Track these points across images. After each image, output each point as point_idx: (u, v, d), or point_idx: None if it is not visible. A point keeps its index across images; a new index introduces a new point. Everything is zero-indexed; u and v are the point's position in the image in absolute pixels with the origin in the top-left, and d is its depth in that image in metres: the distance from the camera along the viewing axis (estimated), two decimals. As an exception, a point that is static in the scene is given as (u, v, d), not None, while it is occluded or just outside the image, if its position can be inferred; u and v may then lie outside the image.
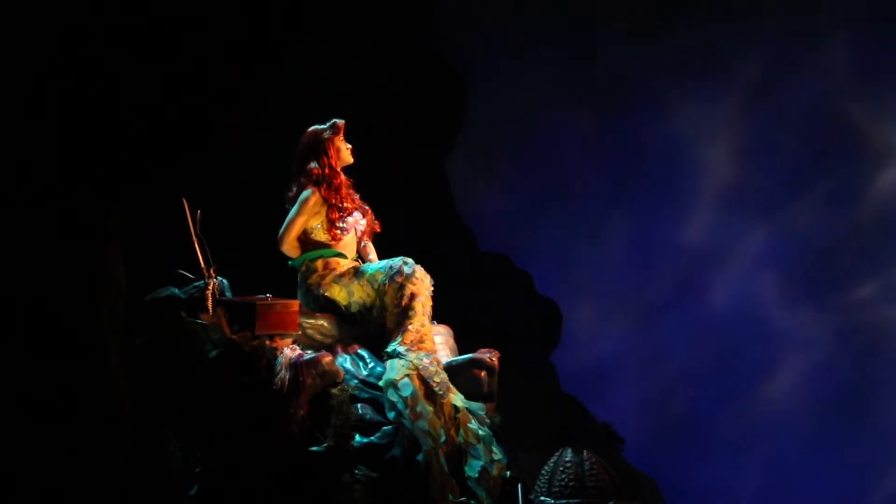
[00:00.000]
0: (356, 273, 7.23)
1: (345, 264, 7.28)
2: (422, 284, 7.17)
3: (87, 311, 6.90)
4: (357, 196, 7.45)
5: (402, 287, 7.12)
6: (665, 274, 11.96)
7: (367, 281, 7.19)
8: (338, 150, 7.37)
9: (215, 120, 10.03)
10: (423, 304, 7.15)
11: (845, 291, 11.79)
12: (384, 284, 7.15)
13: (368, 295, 7.19)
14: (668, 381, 11.84)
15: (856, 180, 11.83)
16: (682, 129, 11.96)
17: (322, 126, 7.40)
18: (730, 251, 11.92)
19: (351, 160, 7.41)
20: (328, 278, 7.21)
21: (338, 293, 7.20)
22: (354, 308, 7.20)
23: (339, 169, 7.36)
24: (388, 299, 7.15)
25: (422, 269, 7.21)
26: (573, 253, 12.04)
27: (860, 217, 11.82)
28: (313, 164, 7.30)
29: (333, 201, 7.29)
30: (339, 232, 7.29)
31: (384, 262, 7.26)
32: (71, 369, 6.80)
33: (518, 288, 11.46)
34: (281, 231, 7.28)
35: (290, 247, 7.31)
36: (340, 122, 7.39)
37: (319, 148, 7.33)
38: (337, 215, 7.30)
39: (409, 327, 7.07)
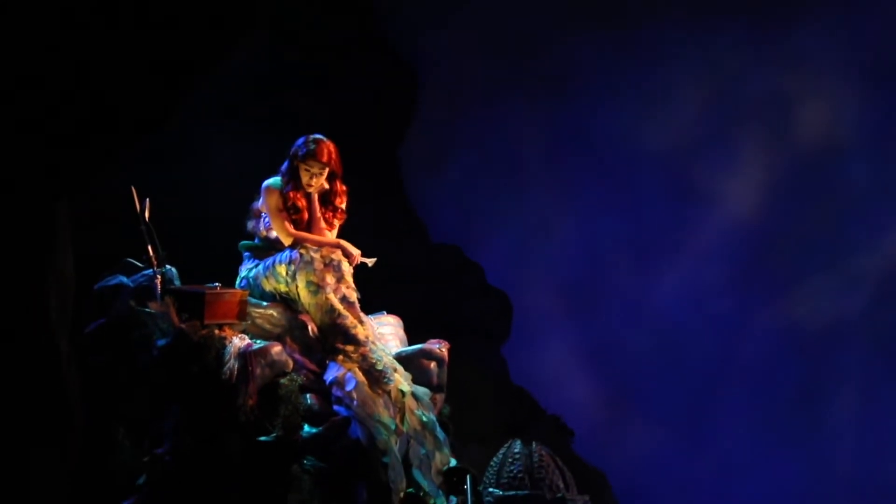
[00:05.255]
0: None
1: None
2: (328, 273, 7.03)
3: (36, 305, 6.81)
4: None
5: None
6: (616, 266, 11.98)
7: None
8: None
9: (163, 105, 9.91)
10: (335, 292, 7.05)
11: (796, 284, 11.86)
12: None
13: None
14: (618, 374, 11.86)
15: (806, 171, 11.89)
16: (632, 122, 11.98)
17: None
18: (680, 243, 11.97)
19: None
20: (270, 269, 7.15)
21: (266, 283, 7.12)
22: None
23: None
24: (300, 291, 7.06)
25: (319, 257, 7.03)
26: (525, 245, 12.03)
27: (811, 208, 11.89)
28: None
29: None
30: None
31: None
32: (19, 361, 6.72)
33: (469, 280, 11.45)
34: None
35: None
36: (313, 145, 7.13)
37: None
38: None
39: (338, 322, 7.00)
